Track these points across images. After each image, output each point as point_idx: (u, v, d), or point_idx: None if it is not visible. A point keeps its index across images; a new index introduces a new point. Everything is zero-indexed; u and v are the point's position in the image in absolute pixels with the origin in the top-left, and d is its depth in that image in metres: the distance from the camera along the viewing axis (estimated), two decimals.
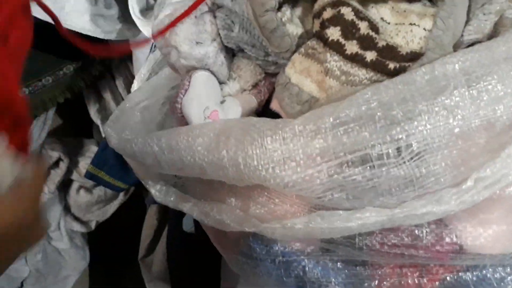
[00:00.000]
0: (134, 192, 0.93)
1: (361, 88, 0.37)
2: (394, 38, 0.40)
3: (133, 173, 0.81)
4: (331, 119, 0.34)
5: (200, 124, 0.43)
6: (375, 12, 0.41)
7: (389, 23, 0.41)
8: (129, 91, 0.86)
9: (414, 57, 0.38)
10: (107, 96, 0.83)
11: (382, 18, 0.41)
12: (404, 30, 0.40)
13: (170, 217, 0.89)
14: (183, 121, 0.49)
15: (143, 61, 0.78)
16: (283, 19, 0.41)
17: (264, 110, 0.50)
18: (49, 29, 0.62)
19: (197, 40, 0.48)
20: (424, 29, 0.40)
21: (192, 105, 0.47)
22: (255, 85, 0.50)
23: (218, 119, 0.46)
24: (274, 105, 0.49)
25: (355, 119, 0.33)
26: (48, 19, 0.56)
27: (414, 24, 0.40)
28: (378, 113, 0.33)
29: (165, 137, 0.41)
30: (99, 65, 0.83)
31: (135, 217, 0.91)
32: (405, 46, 0.39)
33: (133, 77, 0.84)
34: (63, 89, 0.79)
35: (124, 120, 0.52)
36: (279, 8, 0.41)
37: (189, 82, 0.48)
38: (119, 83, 0.84)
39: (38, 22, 0.62)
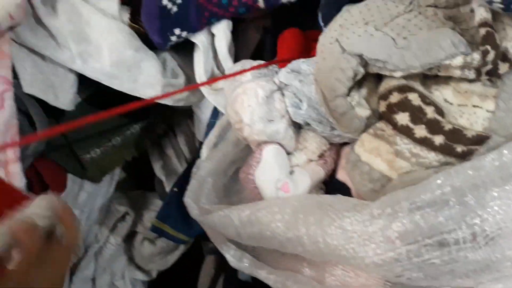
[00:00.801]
0: (193, 242, 0.97)
1: (432, 170, 0.40)
2: (458, 120, 0.43)
3: (195, 227, 0.85)
4: (408, 204, 0.37)
5: (277, 200, 0.46)
6: (439, 94, 0.44)
7: (452, 104, 0.44)
8: (190, 148, 0.92)
9: (480, 140, 0.41)
10: (170, 152, 0.89)
11: (445, 100, 0.44)
12: (468, 112, 0.43)
13: (227, 266, 0.92)
14: (256, 190, 0.53)
15: (203, 120, 0.84)
16: (352, 103, 0.44)
17: (331, 179, 0.53)
18: (116, 93, 0.68)
19: (268, 118, 0.52)
20: (487, 110, 0.42)
21: (265, 178, 0.51)
22: (321, 155, 0.54)
23: (290, 191, 0.50)
24: (341, 175, 0.52)
25: (430, 204, 0.36)
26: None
27: (477, 106, 0.43)
28: (452, 199, 0.36)
29: (246, 211, 0.45)
30: (162, 124, 0.89)
31: (193, 265, 0.95)
32: (470, 128, 0.42)
33: (193, 135, 0.90)
34: (130, 148, 0.85)
35: (200, 188, 0.56)
36: (348, 93, 0.45)
37: (261, 155, 0.52)
38: (181, 140, 0.89)
39: (107, 89, 0.69)
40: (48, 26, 0.65)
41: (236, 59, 0.73)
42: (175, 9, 0.61)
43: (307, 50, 0.61)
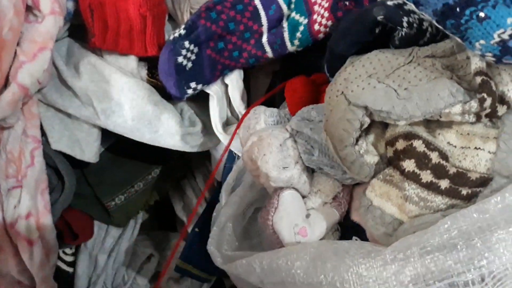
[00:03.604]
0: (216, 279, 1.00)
1: (440, 214, 0.43)
2: (462, 162, 0.45)
3: None
4: (418, 249, 0.39)
5: (296, 247, 0.49)
6: (442, 138, 0.47)
7: (455, 147, 0.47)
8: (208, 189, 0.95)
9: (484, 181, 0.43)
10: (190, 193, 0.92)
11: (448, 143, 0.47)
12: (471, 155, 0.45)
13: None
14: (275, 235, 0.55)
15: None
16: (361, 151, 0.47)
17: (346, 220, 0.56)
18: (135, 143, 0.72)
19: (283, 165, 0.55)
20: (489, 152, 0.45)
21: (283, 223, 0.54)
22: (334, 198, 0.57)
23: (307, 235, 0.53)
24: (355, 216, 0.55)
25: (440, 248, 0.38)
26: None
27: (479, 148, 0.45)
28: (460, 243, 0.38)
29: (266, 259, 0.48)
30: (181, 167, 0.93)
31: None
32: (474, 170, 0.44)
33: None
34: (152, 192, 0.89)
35: (221, 235, 0.59)
36: (356, 142, 0.48)
37: (277, 201, 0.55)
38: (200, 181, 0.93)
39: (128, 138, 0.73)
40: (72, 87, 0.70)
41: (249, 103, 0.77)
42: (190, 65, 0.65)
43: (315, 95, 0.64)
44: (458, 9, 0.37)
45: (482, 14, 0.37)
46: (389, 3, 0.44)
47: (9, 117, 0.65)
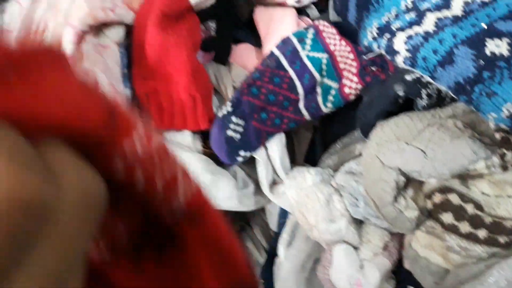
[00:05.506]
0: None
1: (483, 264, 0.47)
2: (497, 211, 0.49)
3: None
4: None
5: None
6: (475, 189, 0.51)
7: (489, 196, 0.51)
8: (266, 238, 1.01)
9: None
10: (250, 245, 0.99)
11: (482, 192, 0.51)
12: (504, 203, 0.49)
13: None
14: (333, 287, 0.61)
15: (274, 212, 0.93)
16: (401, 208, 0.52)
17: (399, 269, 0.60)
18: None
19: (330, 218, 0.61)
20: None
21: (339, 276, 0.59)
22: (385, 247, 0.61)
23: (362, 285, 0.58)
24: (407, 265, 0.59)
25: None
26: None
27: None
28: None
29: None
30: (239, 221, 1.00)
31: None
32: (509, 218, 0.48)
33: (267, 224, 1.00)
34: None
35: None
36: (395, 199, 0.53)
37: (332, 256, 0.61)
38: (257, 232, 1.00)
39: None
40: None
41: (292, 158, 0.83)
42: (238, 136, 0.73)
43: None
44: (468, 87, 0.42)
45: (489, 91, 0.41)
46: (407, 78, 0.50)
47: None
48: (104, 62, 0.75)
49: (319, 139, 0.83)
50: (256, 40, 0.85)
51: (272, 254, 0.86)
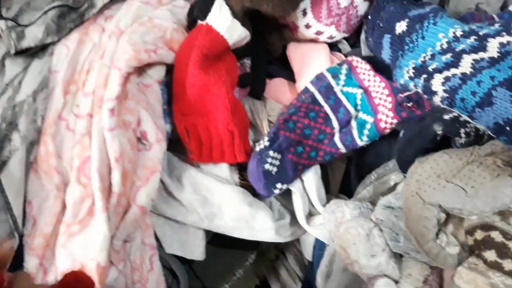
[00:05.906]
0: None
1: None
2: None
3: None
4: None
5: None
6: None
7: None
8: (300, 266, 1.02)
9: None
10: (285, 274, 1.00)
11: None
12: None
13: None
14: None
15: (307, 241, 0.94)
16: (442, 244, 0.53)
17: None
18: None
19: (371, 253, 0.62)
20: None
21: None
22: (425, 281, 0.62)
23: None
24: None
25: None
26: None
27: None
28: None
29: None
30: (274, 250, 1.02)
31: None
32: None
33: (301, 253, 1.01)
34: (251, 277, 0.98)
35: None
36: (436, 235, 0.54)
37: None
38: (291, 261, 1.01)
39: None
40: (178, 198, 0.82)
41: (327, 189, 0.85)
42: (275, 169, 0.76)
43: None
44: (508, 128, 0.44)
45: None
46: (446, 117, 0.52)
47: (132, 233, 0.78)
48: (147, 100, 0.79)
49: (354, 169, 0.84)
50: (289, 74, 0.88)
51: (308, 285, 0.87)
